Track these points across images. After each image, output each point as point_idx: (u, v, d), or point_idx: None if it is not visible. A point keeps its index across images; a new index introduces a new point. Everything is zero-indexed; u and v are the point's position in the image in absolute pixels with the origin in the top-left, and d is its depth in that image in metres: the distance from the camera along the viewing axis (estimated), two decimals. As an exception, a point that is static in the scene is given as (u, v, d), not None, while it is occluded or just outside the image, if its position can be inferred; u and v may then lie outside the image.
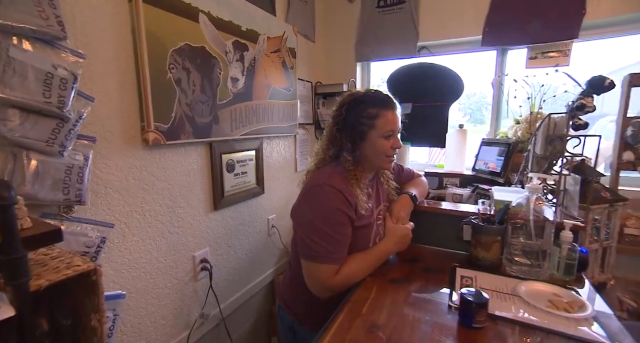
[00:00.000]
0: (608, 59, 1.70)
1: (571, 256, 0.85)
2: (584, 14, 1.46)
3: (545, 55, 1.63)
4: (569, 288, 0.80)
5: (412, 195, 1.04)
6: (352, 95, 0.92)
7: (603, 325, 0.67)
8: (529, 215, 0.87)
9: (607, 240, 1.32)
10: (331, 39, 2.10)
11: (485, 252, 0.91)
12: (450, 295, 0.77)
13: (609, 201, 1.28)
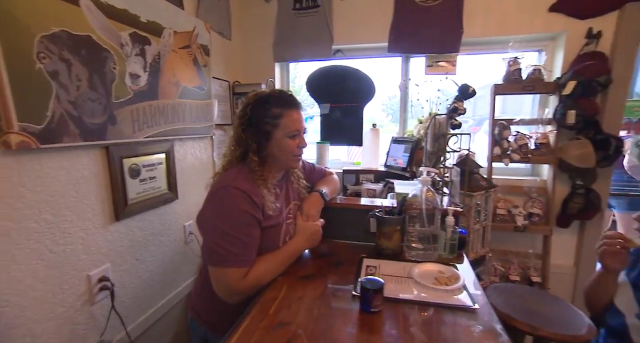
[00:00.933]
0: (489, 71, 2.03)
1: (454, 237, 1.01)
2: (462, 33, 1.72)
3: (438, 64, 1.88)
4: (451, 265, 0.94)
5: (322, 193, 1.09)
6: (257, 95, 0.92)
7: (469, 292, 0.81)
8: (421, 204, 0.99)
9: (485, 220, 1.59)
10: (249, 38, 2.06)
11: (388, 241, 1.01)
12: (355, 285, 0.84)
13: (485, 188, 1.54)
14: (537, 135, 1.69)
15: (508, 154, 1.68)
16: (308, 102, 2.29)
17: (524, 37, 1.70)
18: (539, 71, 1.66)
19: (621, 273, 0.80)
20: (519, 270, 1.71)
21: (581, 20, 1.59)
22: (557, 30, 1.64)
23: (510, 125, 1.71)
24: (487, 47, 1.85)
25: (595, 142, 1.53)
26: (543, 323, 1.06)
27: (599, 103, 1.56)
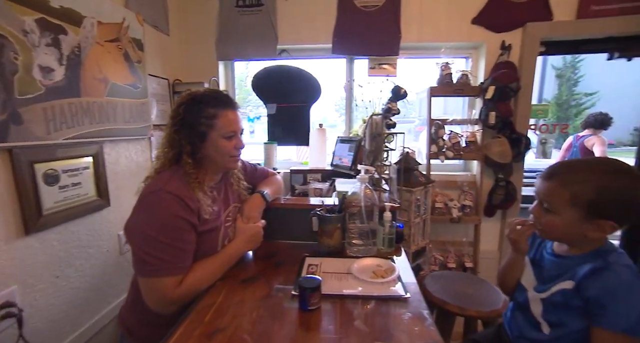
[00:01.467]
0: (429, 75, 2.16)
1: (392, 232, 1.07)
2: (400, 37, 1.83)
3: (381, 66, 1.97)
4: (389, 258, 0.99)
5: (263, 194, 1.08)
6: (191, 94, 0.88)
7: (403, 282, 0.86)
8: (360, 202, 1.04)
9: (425, 213, 1.72)
10: (189, 34, 1.96)
11: (329, 239, 1.04)
12: (295, 285, 0.85)
13: (424, 184, 1.66)
14: (467, 134, 1.86)
15: (443, 152, 1.82)
16: (256, 102, 2.25)
17: (453, 45, 1.86)
18: (466, 76, 1.82)
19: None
20: (455, 258, 1.87)
21: (496, 33, 1.79)
22: (479, 41, 1.82)
23: (444, 124, 1.86)
24: (423, 52, 1.98)
25: (511, 140, 1.73)
26: (470, 304, 1.17)
27: (512, 106, 1.77)
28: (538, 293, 0.78)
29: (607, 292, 0.65)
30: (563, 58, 10.38)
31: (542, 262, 0.82)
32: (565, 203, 0.70)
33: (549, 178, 0.75)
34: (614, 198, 0.67)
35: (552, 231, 0.76)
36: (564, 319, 0.73)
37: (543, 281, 0.79)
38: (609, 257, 0.69)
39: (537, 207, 0.77)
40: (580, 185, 0.69)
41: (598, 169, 0.70)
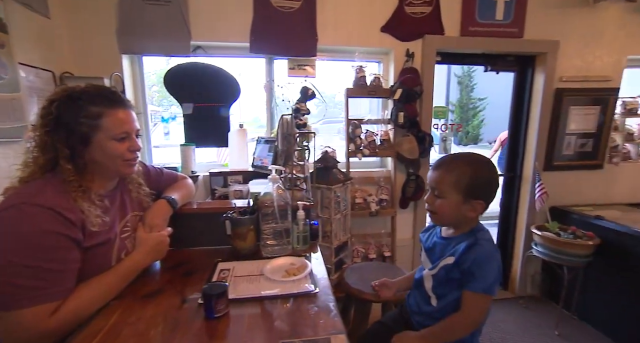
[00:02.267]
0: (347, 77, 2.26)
1: (305, 229, 1.09)
2: (317, 40, 1.89)
3: (300, 67, 2.00)
4: (303, 256, 1.01)
5: (170, 200, 1.00)
6: (66, 90, 0.77)
7: (314, 277, 0.89)
8: (273, 202, 1.03)
9: (345, 209, 1.80)
10: (82, 21, 1.71)
11: (243, 241, 1.01)
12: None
13: (343, 181, 1.74)
14: (381, 133, 2.02)
15: (361, 150, 1.94)
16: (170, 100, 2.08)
17: (366, 49, 1.99)
18: (378, 79, 1.97)
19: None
20: (375, 249, 2.00)
21: (402, 42, 1.98)
22: (388, 47, 1.99)
23: (361, 124, 1.98)
24: (340, 54, 2.07)
25: (418, 138, 1.93)
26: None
27: (417, 108, 1.98)
28: (429, 271, 0.90)
29: (476, 263, 0.80)
30: (462, 67, 12.08)
31: (434, 247, 0.94)
32: (450, 187, 0.85)
33: (437, 168, 0.89)
34: (482, 182, 0.84)
35: (443, 214, 0.88)
36: (446, 291, 0.86)
37: (433, 261, 0.91)
38: (478, 235, 0.85)
39: (430, 195, 0.90)
40: (460, 172, 0.84)
41: (471, 161, 0.87)
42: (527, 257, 2.21)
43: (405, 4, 1.95)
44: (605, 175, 2.29)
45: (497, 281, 0.81)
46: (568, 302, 2.01)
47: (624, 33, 2.15)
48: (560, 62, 2.12)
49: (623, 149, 2.28)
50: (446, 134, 2.21)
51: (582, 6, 2.07)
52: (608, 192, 2.32)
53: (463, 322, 0.81)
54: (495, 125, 2.21)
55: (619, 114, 2.24)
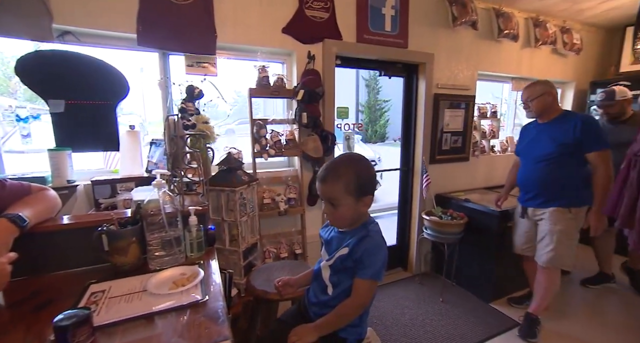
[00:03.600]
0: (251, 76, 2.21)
1: (200, 235, 1.03)
2: (217, 37, 1.81)
3: (200, 64, 1.88)
4: (197, 264, 0.96)
5: (12, 217, 0.82)
6: None
7: (205, 285, 0.85)
8: (160, 209, 0.95)
9: (252, 211, 1.78)
10: None
11: (124, 257, 0.91)
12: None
13: (248, 182, 1.71)
14: (287, 133, 2.05)
15: (267, 150, 1.94)
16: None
17: (268, 50, 1.99)
18: (281, 79, 1.99)
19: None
20: (286, 247, 2.03)
21: (303, 44, 2.05)
22: (290, 49, 2.03)
23: (266, 124, 1.98)
24: (243, 54, 2.02)
25: (322, 137, 2.03)
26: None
27: (320, 108, 2.07)
28: (327, 262, 0.96)
29: (366, 252, 0.88)
30: (368, 71, 13.21)
31: (332, 241, 1.00)
32: (342, 193, 0.88)
33: (325, 181, 0.91)
34: (365, 178, 0.91)
35: (343, 221, 0.93)
36: (341, 279, 0.92)
37: (330, 253, 0.97)
38: (369, 227, 0.93)
39: (328, 207, 0.93)
40: (346, 178, 0.89)
41: (350, 163, 0.93)
42: (420, 240, 2.55)
43: (305, 7, 2.02)
44: (470, 166, 2.82)
45: (383, 268, 0.90)
46: (449, 273, 2.40)
47: (475, 52, 2.66)
48: (436, 71, 2.50)
49: (481, 145, 2.84)
50: (349, 133, 2.37)
51: (446, 27, 2.48)
52: (473, 180, 2.85)
53: (353, 307, 0.89)
54: (399, 125, 2.56)
55: (477, 116, 2.78)
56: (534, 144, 1.87)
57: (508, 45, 2.79)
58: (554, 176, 1.77)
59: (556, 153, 1.74)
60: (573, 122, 1.71)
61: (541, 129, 1.85)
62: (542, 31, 2.83)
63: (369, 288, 0.89)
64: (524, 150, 1.95)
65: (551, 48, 2.99)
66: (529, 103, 1.83)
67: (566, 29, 3.00)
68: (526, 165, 1.92)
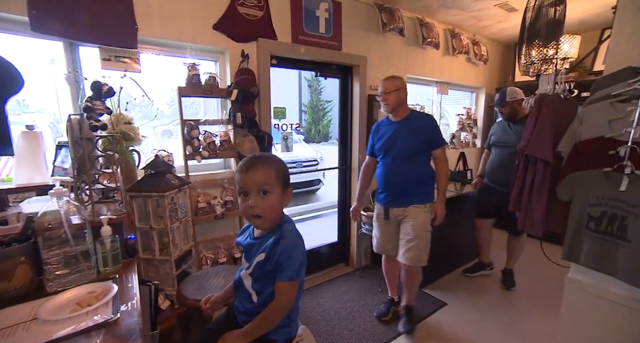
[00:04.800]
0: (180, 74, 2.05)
1: (115, 247, 0.93)
2: (137, 29, 1.65)
3: (119, 59, 1.70)
4: (111, 278, 0.86)
5: None
6: None
7: (119, 301, 0.77)
8: (61, 221, 0.83)
9: (185, 216, 1.67)
10: None
11: (7, 281, 0.77)
12: None
13: (178, 186, 1.60)
14: (221, 134, 1.97)
15: (200, 152, 1.83)
16: None
17: (199, 47, 1.88)
18: (213, 78, 1.91)
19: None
20: (225, 252, 1.95)
21: (237, 42, 1.98)
22: (222, 46, 1.95)
23: (198, 125, 1.87)
24: (173, 50, 1.88)
25: (258, 137, 1.99)
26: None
27: (256, 108, 2.03)
28: (247, 270, 0.93)
29: (283, 254, 0.86)
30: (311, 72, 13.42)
31: (250, 248, 0.97)
32: (274, 180, 0.89)
33: (254, 167, 0.87)
34: (287, 171, 0.94)
35: (272, 211, 0.89)
36: (264, 285, 0.90)
37: (249, 260, 0.95)
38: (283, 228, 0.92)
39: (256, 198, 0.87)
40: (276, 165, 0.91)
41: (271, 156, 0.95)
42: (359, 235, 2.66)
43: (237, 4, 1.95)
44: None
45: (302, 267, 0.88)
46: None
47: (405, 57, 2.88)
48: (369, 73, 2.63)
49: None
50: (287, 133, 2.37)
51: (377, 33, 2.63)
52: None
53: (276, 310, 0.87)
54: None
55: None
56: (392, 142, 1.84)
57: (432, 52, 3.07)
58: (415, 174, 1.82)
59: (415, 151, 1.80)
60: (424, 120, 1.82)
61: (397, 127, 1.84)
62: (458, 42, 3.17)
63: (290, 290, 0.88)
64: (382, 149, 1.89)
65: (466, 57, 3.36)
66: (386, 95, 1.80)
67: (476, 41, 3.41)
68: (387, 164, 1.88)
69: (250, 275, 0.92)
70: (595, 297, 1.43)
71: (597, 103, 1.31)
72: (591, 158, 1.34)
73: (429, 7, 2.72)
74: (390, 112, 1.88)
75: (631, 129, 1.16)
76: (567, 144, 1.44)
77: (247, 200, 0.87)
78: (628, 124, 1.18)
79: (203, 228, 1.88)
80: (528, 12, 1.73)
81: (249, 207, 0.87)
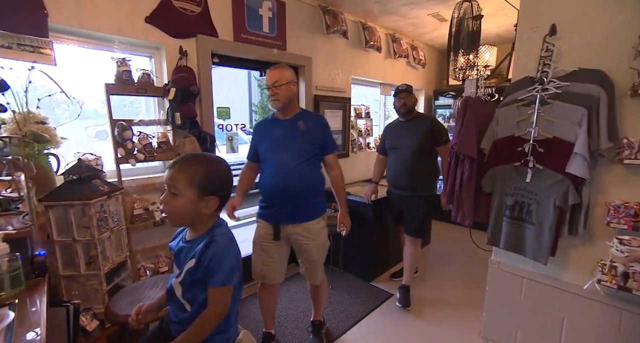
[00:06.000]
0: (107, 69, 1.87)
1: (15, 267, 0.82)
2: (47, 15, 1.47)
3: (23, 48, 1.49)
4: (8, 304, 0.76)
5: None
6: None
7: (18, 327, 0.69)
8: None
9: (118, 225, 1.54)
10: None
11: None
12: None
13: (107, 192, 1.46)
14: (158, 135, 1.84)
15: (134, 154, 1.70)
16: None
17: (129, 40, 1.74)
18: (147, 76, 1.78)
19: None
20: (166, 261, 1.83)
21: (174, 38, 1.87)
22: (157, 42, 1.82)
23: (131, 125, 1.73)
24: (98, 43, 1.71)
25: (200, 138, 1.90)
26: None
27: (196, 108, 1.94)
28: (177, 279, 0.89)
29: (214, 259, 0.84)
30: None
31: (180, 252, 0.93)
32: (185, 184, 0.84)
33: (172, 167, 0.87)
34: (215, 178, 0.89)
35: (178, 213, 0.86)
36: (196, 294, 0.86)
37: (180, 267, 0.90)
38: (215, 231, 0.89)
39: (166, 195, 0.86)
40: (194, 169, 0.86)
41: (204, 159, 0.91)
42: (310, 233, 2.69)
43: (172, -4, 1.84)
44: (350, 161, 3.14)
45: (234, 271, 0.85)
46: (336, 261, 2.63)
47: (349, 59, 2.98)
48: (315, 74, 2.67)
49: (358, 142, 3.20)
50: (232, 134, 2.30)
51: (322, 34, 2.68)
52: (353, 173, 3.19)
53: (210, 318, 0.84)
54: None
55: (353, 116, 3.11)
56: (284, 145, 1.55)
57: (374, 55, 3.21)
58: (311, 182, 1.57)
59: (310, 155, 1.55)
60: (316, 120, 1.61)
61: (287, 127, 1.56)
62: (398, 46, 3.36)
63: (223, 295, 0.85)
64: (271, 152, 1.57)
65: (406, 60, 3.58)
66: (275, 88, 1.49)
67: (414, 46, 3.65)
68: (274, 169, 1.55)
69: (180, 284, 0.88)
70: (511, 275, 1.64)
71: (507, 106, 1.49)
72: (506, 154, 1.52)
73: (370, 12, 2.84)
74: (279, 109, 1.57)
75: (532, 129, 1.34)
76: (488, 142, 1.61)
77: (166, 192, 0.87)
78: (529, 124, 1.36)
79: (141, 236, 1.74)
80: (453, 22, 1.91)
81: (160, 200, 0.89)
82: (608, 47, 1.27)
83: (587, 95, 1.22)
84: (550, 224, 1.34)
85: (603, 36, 1.28)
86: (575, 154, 1.22)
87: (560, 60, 1.37)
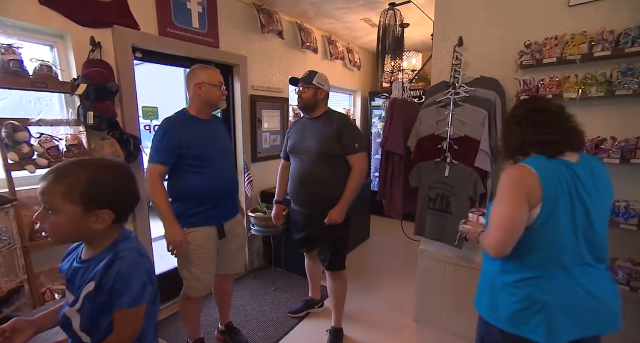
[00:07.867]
0: None
1: None
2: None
3: None
4: None
5: None
6: None
7: None
8: None
9: (10, 244, 1.31)
10: None
11: None
12: None
13: (-3, 206, 1.23)
14: (67, 137, 1.61)
15: (33, 160, 1.46)
16: None
17: (19, 24, 1.48)
18: (48, 68, 1.53)
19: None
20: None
21: (83, 26, 1.65)
22: (58, 28, 1.59)
23: (27, 126, 1.48)
24: (29, 34, 1.44)
25: (121, 141, 1.72)
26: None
27: (116, 107, 1.75)
28: (72, 307, 0.74)
29: (119, 278, 0.71)
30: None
31: (75, 274, 0.78)
32: (62, 199, 0.69)
33: (45, 178, 0.70)
34: (104, 188, 0.73)
35: (61, 233, 0.73)
36: (99, 322, 0.74)
37: (75, 292, 0.76)
38: (119, 246, 0.76)
39: (42, 212, 0.71)
40: (72, 180, 0.70)
41: (88, 165, 0.74)
42: (250, 236, 2.62)
43: (76, -23, 1.62)
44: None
45: (144, 288, 0.75)
46: (278, 262, 2.61)
47: (286, 59, 2.98)
48: (250, 73, 2.61)
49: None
50: (160, 135, 2.12)
51: (256, 33, 2.63)
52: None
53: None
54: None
55: (291, 116, 3.12)
56: (211, 144, 1.53)
57: (311, 56, 3.26)
58: (235, 177, 1.68)
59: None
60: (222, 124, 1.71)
61: (208, 126, 1.56)
62: (334, 48, 3.47)
63: (133, 317, 0.74)
64: (209, 151, 1.52)
65: (342, 62, 3.71)
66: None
67: (350, 49, 3.81)
68: (213, 168, 1.52)
69: (78, 313, 0.73)
70: (436, 261, 1.81)
71: (428, 107, 1.65)
72: (428, 151, 1.67)
73: (306, 13, 2.87)
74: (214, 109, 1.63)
75: (448, 128, 1.50)
76: (413, 140, 1.75)
77: (41, 209, 0.72)
78: (446, 124, 1.52)
79: (45, 254, 1.50)
80: (380, 28, 2.03)
81: (34, 218, 0.73)
82: (500, 60, 1.48)
83: (487, 99, 1.41)
84: (464, 213, 1.51)
85: (496, 50, 1.49)
86: (480, 150, 1.40)
87: (467, 68, 1.55)
